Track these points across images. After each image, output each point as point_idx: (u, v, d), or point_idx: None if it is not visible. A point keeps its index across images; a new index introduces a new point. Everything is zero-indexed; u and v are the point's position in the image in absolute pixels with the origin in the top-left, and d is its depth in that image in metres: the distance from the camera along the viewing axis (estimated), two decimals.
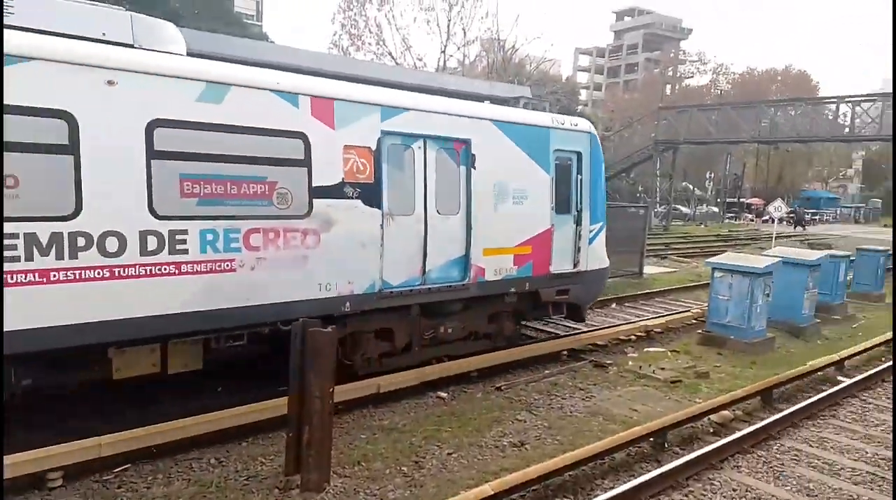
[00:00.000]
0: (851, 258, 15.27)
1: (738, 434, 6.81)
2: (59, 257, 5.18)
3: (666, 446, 6.73)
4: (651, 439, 6.67)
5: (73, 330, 5.29)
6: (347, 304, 7.05)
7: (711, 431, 7.26)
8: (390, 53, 31.99)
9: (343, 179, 6.91)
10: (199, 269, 5.95)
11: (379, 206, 7.21)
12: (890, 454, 6.85)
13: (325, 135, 6.77)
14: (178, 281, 5.83)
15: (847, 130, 30.26)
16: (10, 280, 4.93)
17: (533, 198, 8.90)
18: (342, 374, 6.71)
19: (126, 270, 5.53)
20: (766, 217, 36.12)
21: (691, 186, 56.07)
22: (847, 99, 29.66)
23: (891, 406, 8.36)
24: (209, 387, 7.21)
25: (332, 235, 6.81)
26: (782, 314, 11.66)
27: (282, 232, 6.45)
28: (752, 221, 49.77)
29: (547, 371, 9.18)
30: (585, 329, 10.82)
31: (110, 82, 5.46)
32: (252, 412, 6.39)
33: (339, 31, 32.72)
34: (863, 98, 29.44)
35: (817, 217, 50.26)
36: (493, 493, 4.96)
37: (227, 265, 6.11)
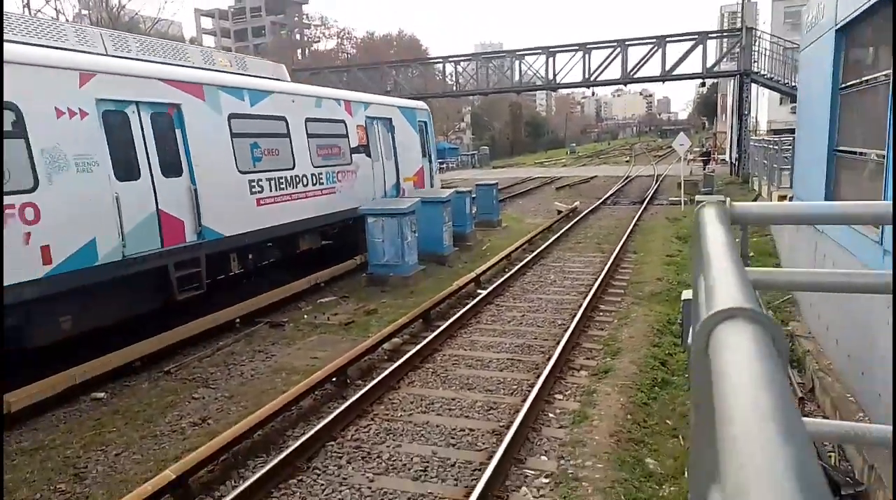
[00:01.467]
0: (473, 195, 17.91)
1: (406, 356, 7.49)
2: (293, 187, 10.99)
3: (348, 382, 7.04)
4: (333, 379, 6.90)
5: (296, 224, 11.08)
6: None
7: (386, 358, 7.84)
8: None
9: (358, 143, 13.32)
10: (326, 192, 11.98)
11: (370, 156, 13.76)
12: (520, 340, 8.39)
13: (350, 120, 13.13)
14: (322, 198, 11.84)
15: (454, 86, 35.00)
16: (281, 200, 10.62)
17: (414, 149, 16.30)
18: None
19: (309, 193, 11.45)
20: None
21: None
22: (450, 59, 34.17)
23: (517, 305, 10.20)
24: None
25: (359, 173, 13.23)
26: (428, 247, 13.12)
27: (346, 172, 12.75)
28: None
29: (221, 343, 8.68)
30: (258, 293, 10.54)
31: (293, 100, 11.34)
32: None
33: None
34: (463, 58, 34.28)
35: (444, 165, 57.57)
36: (176, 477, 4.51)
37: (333, 190, 12.23)
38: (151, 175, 8.14)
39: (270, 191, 10.36)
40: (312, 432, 5.51)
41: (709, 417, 0.57)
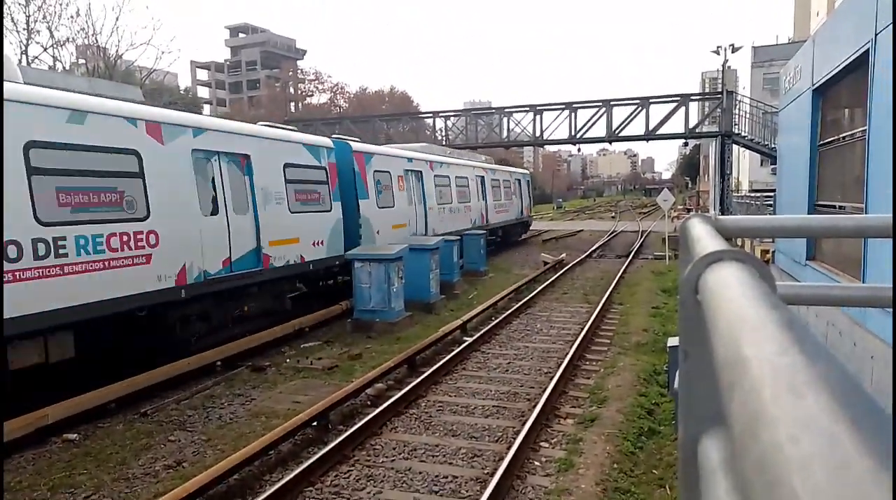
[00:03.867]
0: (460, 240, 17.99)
1: (390, 401, 7.35)
2: (502, 208, 28.02)
3: (329, 426, 6.87)
4: (314, 423, 6.73)
5: (502, 222, 28.09)
6: None
7: (369, 403, 7.68)
8: None
9: (512, 191, 30.62)
10: (506, 210, 28.79)
11: (514, 197, 30.17)
12: (506, 387, 8.28)
13: (510, 179, 30.25)
14: (503, 213, 28.01)
15: (444, 141, 35.67)
16: (500, 211, 27.20)
17: (526, 195, 33.07)
18: None
19: (502, 211, 27.79)
20: None
21: None
22: (440, 114, 34.95)
23: (503, 352, 10.12)
24: None
25: (513, 204, 30.34)
26: (415, 294, 13.07)
27: (511, 203, 30.08)
28: None
29: (200, 386, 8.47)
30: (238, 336, 10.36)
31: (502, 173, 29.78)
32: None
33: None
34: (453, 113, 35.09)
35: None
36: None
37: (507, 210, 29.17)
38: (484, 200, 24.31)
39: (495, 210, 25.73)
40: (290, 477, 5.33)
41: (702, 360, 0.56)
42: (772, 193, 17.15)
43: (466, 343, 10.12)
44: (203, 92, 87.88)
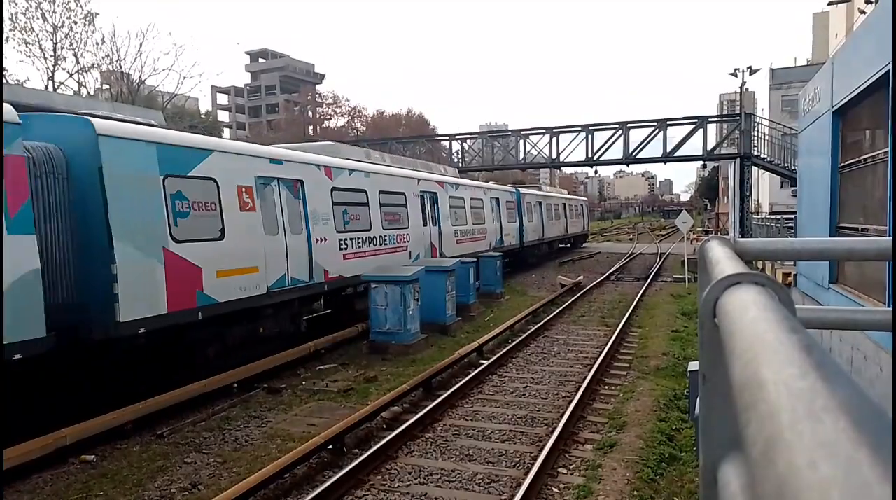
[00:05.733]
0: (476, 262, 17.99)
1: (406, 425, 7.30)
2: (566, 223, 39.04)
3: (345, 450, 6.83)
4: (330, 446, 6.70)
5: (563, 233, 38.52)
6: None
7: (385, 427, 7.64)
8: None
9: (577, 213, 44.33)
10: (574, 225, 42.28)
11: (578, 217, 43.93)
12: (523, 412, 8.19)
13: (576, 205, 44.02)
14: (571, 228, 40.86)
15: (460, 163, 35.87)
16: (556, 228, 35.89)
17: (585, 215, 46.28)
18: None
19: (569, 225, 39.53)
20: None
21: None
22: (457, 136, 35.20)
23: (520, 375, 10.03)
24: None
25: (577, 222, 43.65)
26: (431, 316, 13.04)
27: (576, 221, 42.66)
28: None
29: (217, 407, 8.49)
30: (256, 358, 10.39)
31: (574, 200, 45.04)
32: None
33: None
34: (469, 136, 35.32)
35: None
36: None
37: (578, 224, 43.27)
38: (566, 218, 37.35)
39: (569, 225, 38.34)
40: None
41: (721, 384, 0.55)
42: (792, 216, 16.97)
43: (483, 366, 10.05)
44: (223, 116, 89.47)
